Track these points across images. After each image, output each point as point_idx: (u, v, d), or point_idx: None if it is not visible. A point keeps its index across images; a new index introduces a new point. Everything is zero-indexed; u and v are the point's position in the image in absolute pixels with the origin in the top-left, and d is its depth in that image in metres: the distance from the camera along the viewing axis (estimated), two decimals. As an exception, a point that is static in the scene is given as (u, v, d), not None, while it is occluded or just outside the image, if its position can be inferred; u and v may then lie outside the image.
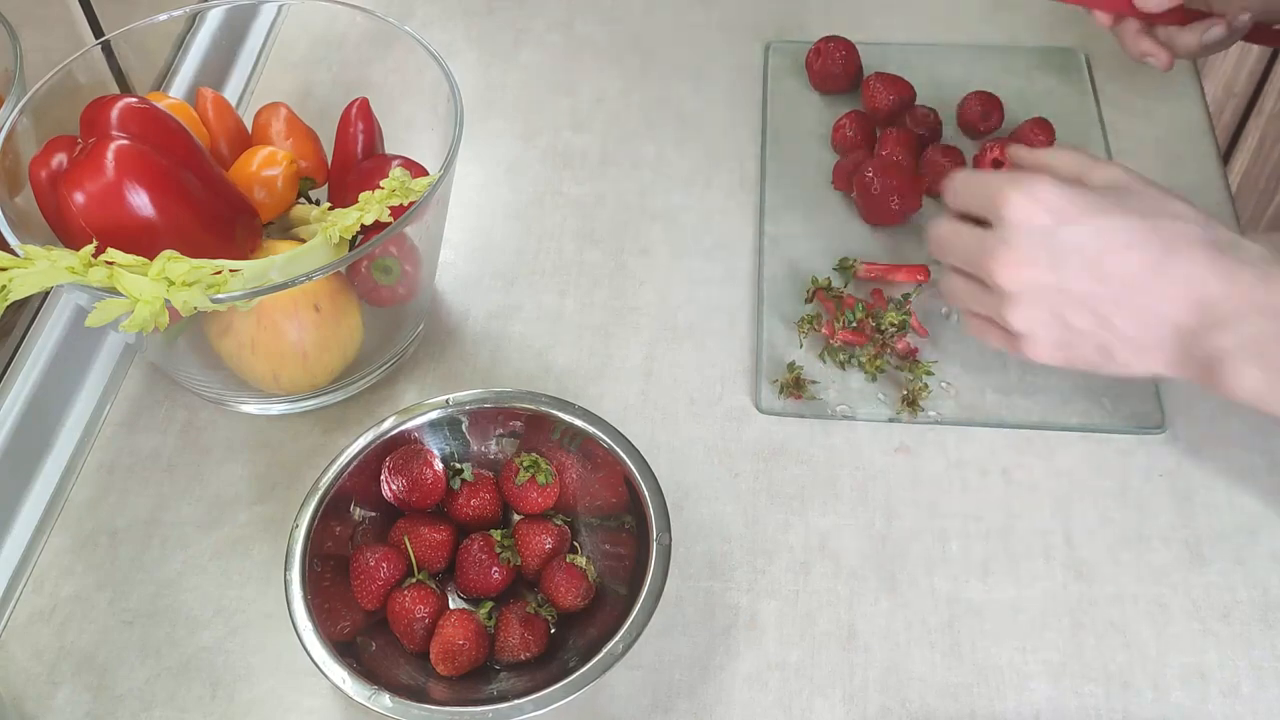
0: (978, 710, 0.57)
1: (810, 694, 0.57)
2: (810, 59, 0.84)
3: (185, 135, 0.62)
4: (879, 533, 0.63)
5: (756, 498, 0.64)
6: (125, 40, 0.69)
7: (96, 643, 0.60)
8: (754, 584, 0.61)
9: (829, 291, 0.71)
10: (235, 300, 0.55)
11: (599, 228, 0.78)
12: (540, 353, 0.71)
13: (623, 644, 0.52)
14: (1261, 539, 0.62)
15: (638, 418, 0.68)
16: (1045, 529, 0.63)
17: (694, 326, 0.72)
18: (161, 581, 0.62)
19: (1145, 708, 0.56)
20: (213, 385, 0.66)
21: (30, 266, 0.53)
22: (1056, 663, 0.58)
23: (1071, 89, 0.84)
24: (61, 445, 0.66)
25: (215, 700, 0.58)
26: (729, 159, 0.81)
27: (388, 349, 0.68)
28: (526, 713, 0.50)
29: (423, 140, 0.68)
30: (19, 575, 0.62)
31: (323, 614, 0.54)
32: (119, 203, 0.57)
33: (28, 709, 0.58)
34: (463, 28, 0.92)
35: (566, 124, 0.84)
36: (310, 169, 0.69)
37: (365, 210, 0.59)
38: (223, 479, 0.66)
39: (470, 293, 0.74)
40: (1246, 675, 0.57)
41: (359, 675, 0.52)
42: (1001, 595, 0.60)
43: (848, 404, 0.67)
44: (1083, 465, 0.65)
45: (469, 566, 0.57)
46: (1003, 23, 0.90)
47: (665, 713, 0.57)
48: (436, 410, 0.60)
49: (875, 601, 0.60)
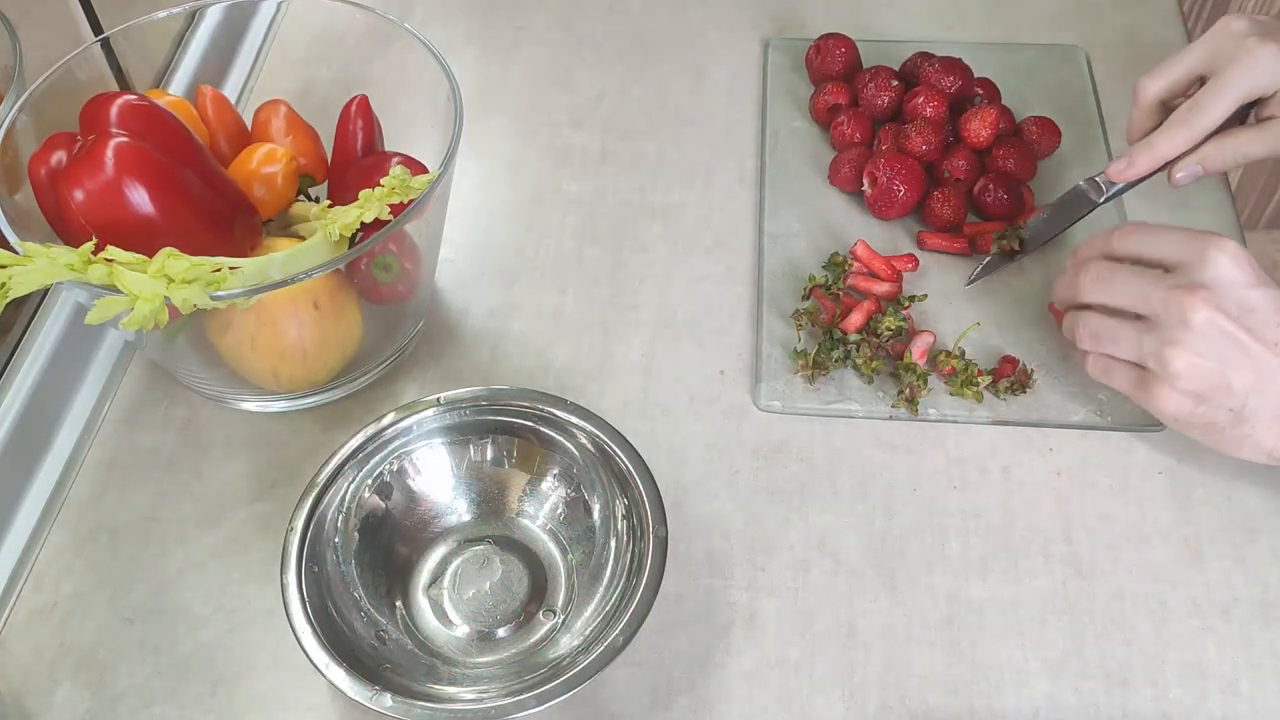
0: (977, 707, 0.57)
1: (810, 691, 0.57)
2: (810, 56, 0.84)
3: (185, 133, 0.62)
4: (878, 530, 0.63)
5: (756, 495, 0.64)
6: (125, 37, 0.69)
7: (96, 640, 0.60)
8: (753, 581, 0.61)
9: (826, 290, 0.71)
10: (235, 298, 0.55)
11: (599, 225, 0.78)
12: (540, 350, 0.71)
13: (623, 636, 0.52)
14: (1261, 536, 0.62)
15: (637, 415, 0.68)
16: (1045, 526, 0.63)
17: (694, 324, 0.72)
18: (161, 579, 0.62)
19: (1144, 705, 0.56)
20: (212, 382, 0.66)
21: (30, 264, 0.53)
22: (1056, 660, 0.58)
23: (1072, 86, 0.84)
24: (61, 442, 0.66)
25: (215, 697, 0.58)
26: (729, 156, 0.81)
27: (387, 346, 0.68)
28: (528, 708, 0.51)
29: (422, 138, 0.67)
30: (19, 573, 0.62)
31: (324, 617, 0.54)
32: (118, 200, 0.57)
33: (28, 706, 0.58)
34: (462, 25, 0.92)
35: (566, 121, 0.84)
36: (310, 166, 0.69)
37: (365, 208, 0.59)
38: (222, 476, 0.66)
39: (470, 290, 0.74)
40: (1245, 672, 0.57)
41: (359, 676, 0.52)
42: (1001, 592, 0.60)
43: (846, 401, 0.67)
44: (1082, 463, 0.65)
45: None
46: (1003, 19, 0.90)
47: (665, 710, 0.57)
48: (432, 409, 0.60)
49: (875, 599, 0.60)
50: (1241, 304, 0.58)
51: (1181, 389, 0.59)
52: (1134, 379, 0.61)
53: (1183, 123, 0.66)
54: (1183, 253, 0.60)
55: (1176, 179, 0.68)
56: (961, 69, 0.79)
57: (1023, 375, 0.67)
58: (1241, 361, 0.58)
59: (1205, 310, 0.57)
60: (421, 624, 0.59)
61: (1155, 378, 0.60)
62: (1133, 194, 0.75)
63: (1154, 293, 0.59)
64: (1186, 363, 0.58)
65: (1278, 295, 0.58)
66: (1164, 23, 0.89)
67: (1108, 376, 0.63)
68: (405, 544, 0.61)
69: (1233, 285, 0.58)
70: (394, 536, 0.61)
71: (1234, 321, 0.57)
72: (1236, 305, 0.58)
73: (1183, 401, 0.60)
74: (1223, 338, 0.58)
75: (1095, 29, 0.88)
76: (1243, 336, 0.57)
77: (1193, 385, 0.59)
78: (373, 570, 0.59)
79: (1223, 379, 0.58)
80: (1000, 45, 0.87)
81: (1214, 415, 0.59)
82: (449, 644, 0.58)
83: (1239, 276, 0.58)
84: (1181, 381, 0.59)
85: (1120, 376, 0.62)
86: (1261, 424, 0.59)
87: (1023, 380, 0.67)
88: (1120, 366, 0.62)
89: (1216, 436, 0.60)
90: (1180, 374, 0.58)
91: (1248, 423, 0.59)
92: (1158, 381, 0.60)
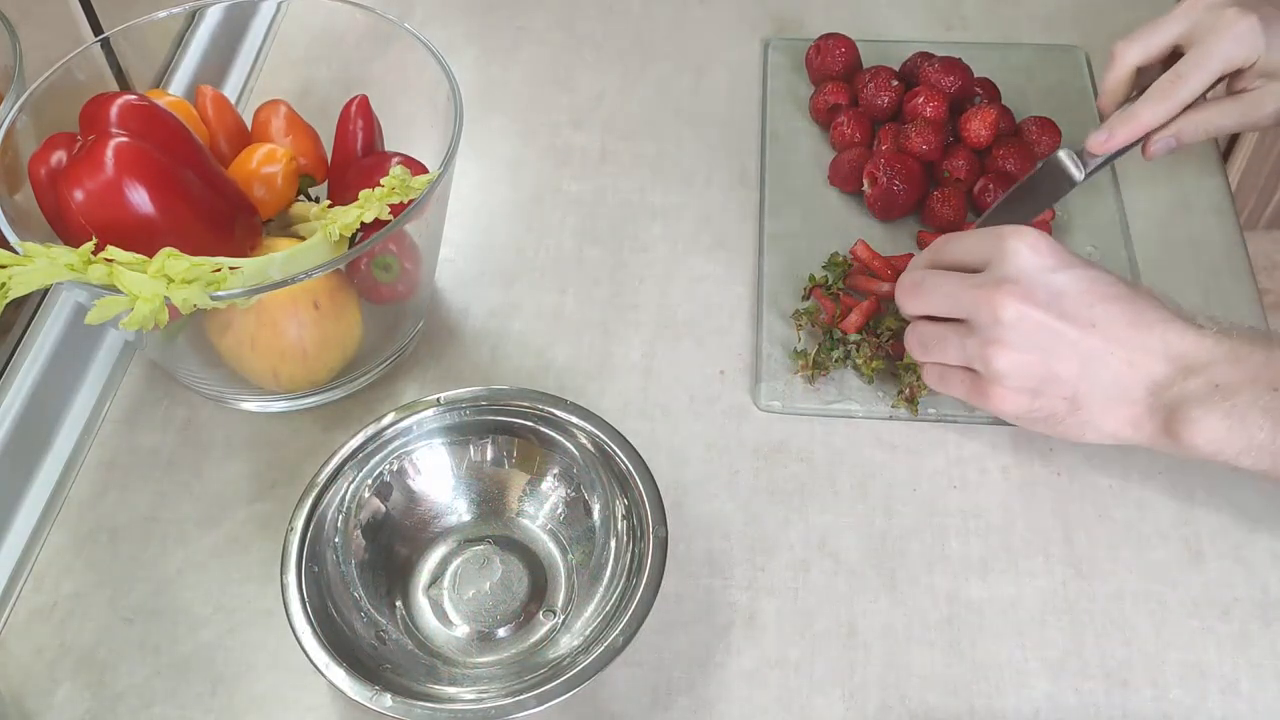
0: (977, 707, 0.57)
1: (810, 691, 0.57)
2: (810, 56, 0.84)
3: (185, 133, 0.62)
4: (878, 530, 0.63)
5: (756, 495, 0.64)
6: (125, 37, 0.69)
7: (96, 640, 0.60)
8: (753, 581, 0.61)
9: (827, 290, 0.71)
10: (235, 298, 0.55)
11: (599, 225, 0.78)
12: (540, 350, 0.71)
13: (623, 636, 0.52)
14: (1261, 537, 0.62)
15: (637, 415, 0.68)
16: (1045, 526, 0.63)
17: (694, 324, 0.72)
18: (161, 579, 0.62)
19: (1144, 705, 0.56)
20: (212, 382, 0.66)
21: (30, 264, 0.53)
22: (1056, 660, 0.58)
23: (1072, 86, 0.84)
24: (61, 442, 0.66)
25: (215, 697, 0.58)
26: (729, 156, 0.81)
27: (387, 346, 0.68)
28: (528, 708, 0.51)
29: (422, 138, 0.67)
30: (19, 573, 0.62)
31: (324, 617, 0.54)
32: (118, 200, 0.57)
33: (28, 706, 0.58)
34: (462, 25, 0.92)
35: (566, 121, 0.84)
36: (310, 166, 0.69)
37: (365, 208, 0.59)
38: (222, 476, 0.66)
39: (470, 290, 0.74)
40: (1245, 673, 0.57)
41: (359, 676, 0.52)
42: (1001, 592, 0.60)
43: (846, 401, 0.67)
44: (1082, 463, 0.65)
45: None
46: (1003, 19, 0.90)
47: (665, 709, 0.57)
48: (432, 409, 0.60)
49: (875, 599, 0.60)
50: (1049, 290, 0.57)
51: (1012, 387, 0.58)
52: (968, 384, 0.60)
53: (1164, 94, 0.66)
54: (985, 250, 0.59)
55: (1152, 150, 0.68)
56: (961, 69, 0.79)
57: None
58: (1062, 349, 0.57)
59: (1013, 304, 0.56)
60: (421, 624, 0.59)
61: (986, 380, 0.59)
62: (1132, 195, 0.75)
63: (963, 294, 0.59)
64: (1009, 361, 0.57)
65: (1085, 274, 0.57)
66: (1164, 23, 0.89)
67: (945, 385, 0.62)
68: (405, 544, 0.61)
69: (1037, 273, 0.57)
70: (394, 536, 0.61)
71: (1045, 310, 0.56)
72: (1044, 292, 0.57)
73: (1018, 399, 0.59)
74: (1038, 329, 0.57)
75: (1095, 29, 0.88)
76: (1057, 324, 0.56)
77: (1021, 382, 0.58)
78: (373, 570, 0.59)
79: (1048, 370, 0.57)
80: (1000, 45, 0.87)
81: (1051, 407, 0.58)
82: (449, 644, 0.58)
83: (1041, 263, 0.57)
84: (1010, 380, 0.58)
85: (955, 383, 0.61)
86: (1096, 406, 0.58)
87: None
88: (954, 373, 0.61)
89: (1060, 427, 0.60)
90: (1005, 373, 0.58)
91: (1084, 408, 0.58)
92: (989, 383, 0.59)
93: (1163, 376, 0.56)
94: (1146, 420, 0.57)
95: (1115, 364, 0.57)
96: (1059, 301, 0.57)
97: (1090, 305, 0.57)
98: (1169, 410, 0.56)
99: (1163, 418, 0.57)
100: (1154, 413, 0.57)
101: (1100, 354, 0.57)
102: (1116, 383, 0.57)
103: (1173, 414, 0.56)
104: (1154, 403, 0.57)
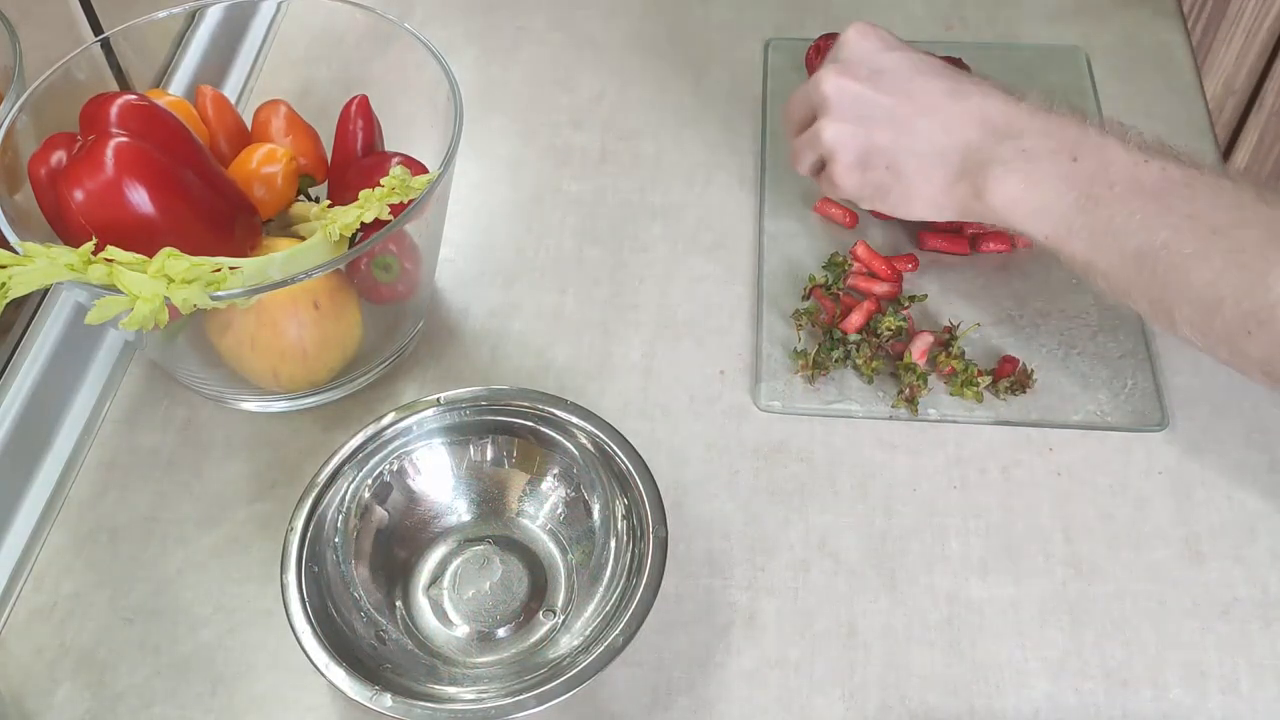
0: (977, 707, 0.57)
1: (810, 691, 0.57)
2: (810, 56, 0.84)
3: (185, 133, 0.62)
4: (878, 530, 0.63)
5: (756, 495, 0.64)
6: (125, 37, 0.69)
7: (96, 640, 0.60)
8: (753, 581, 0.61)
9: (827, 290, 0.71)
10: (235, 298, 0.55)
11: (599, 225, 0.78)
12: (540, 350, 0.71)
13: (623, 636, 0.52)
14: (1261, 537, 0.62)
15: (637, 415, 0.68)
16: (1045, 526, 0.63)
17: (694, 324, 0.72)
18: (161, 579, 0.62)
19: (1144, 705, 0.56)
20: (212, 383, 0.66)
21: (30, 264, 0.53)
22: (1056, 660, 0.58)
23: (1072, 87, 0.84)
24: (61, 442, 0.66)
25: (215, 697, 0.58)
26: (729, 156, 0.81)
27: (387, 346, 0.68)
28: (528, 708, 0.51)
29: (422, 137, 0.67)
30: (19, 573, 0.62)
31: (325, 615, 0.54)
32: (118, 200, 0.57)
33: (28, 706, 0.58)
34: (462, 25, 0.92)
35: (566, 121, 0.84)
36: (310, 166, 0.69)
37: (365, 208, 0.59)
38: (222, 476, 0.66)
39: (470, 290, 0.74)
40: (1246, 673, 0.57)
41: (359, 676, 0.52)
42: (1001, 592, 0.60)
43: (846, 401, 0.67)
44: (1082, 463, 0.65)
45: None
46: (1003, 19, 0.90)
47: (665, 710, 0.57)
48: (432, 409, 0.60)
49: (875, 599, 0.60)
50: (871, 67, 0.62)
51: (843, 162, 0.62)
52: (815, 164, 0.65)
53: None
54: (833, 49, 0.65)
55: None
56: (961, 69, 0.79)
57: (1023, 375, 0.67)
58: (879, 117, 0.61)
59: (832, 78, 0.62)
60: (421, 624, 0.59)
61: (827, 162, 0.63)
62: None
63: (804, 88, 0.63)
64: (833, 131, 0.62)
65: (910, 56, 0.62)
66: (1164, 23, 0.89)
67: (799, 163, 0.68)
68: (405, 544, 0.61)
69: (864, 54, 0.62)
70: (394, 536, 0.61)
71: (863, 82, 0.61)
72: (866, 69, 0.62)
73: (850, 174, 0.63)
74: (856, 101, 0.61)
75: (1095, 29, 0.88)
76: (871, 93, 0.61)
77: (847, 155, 0.62)
78: (372, 570, 0.59)
79: (868, 139, 0.61)
80: (1000, 45, 0.87)
81: (879, 178, 0.62)
82: (449, 644, 0.58)
83: (869, 45, 0.62)
84: (839, 153, 0.62)
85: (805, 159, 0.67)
86: (915, 173, 0.61)
87: (1023, 380, 0.67)
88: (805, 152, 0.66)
89: (892, 200, 0.63)
90: (832, 144, 0.62)
91: (905, 176, 0.61)
92: (828, 164, 0.63)
93: (976, 140, 0.59)
94: (959, 183, 0.60)
95: (930, 130, 0.60)
96: (879, 77, 0.61)
97: (910, 79, 0.61)
98: (977, 169, 0.59)
99: (972, 179, 0.59)
100: (965, 174, 0.60)
101: (915, 121, 0.60)
102: (932, 148, 0.60)
103: (979, 172, 0.59)
104: (965, 165, 0.59)
